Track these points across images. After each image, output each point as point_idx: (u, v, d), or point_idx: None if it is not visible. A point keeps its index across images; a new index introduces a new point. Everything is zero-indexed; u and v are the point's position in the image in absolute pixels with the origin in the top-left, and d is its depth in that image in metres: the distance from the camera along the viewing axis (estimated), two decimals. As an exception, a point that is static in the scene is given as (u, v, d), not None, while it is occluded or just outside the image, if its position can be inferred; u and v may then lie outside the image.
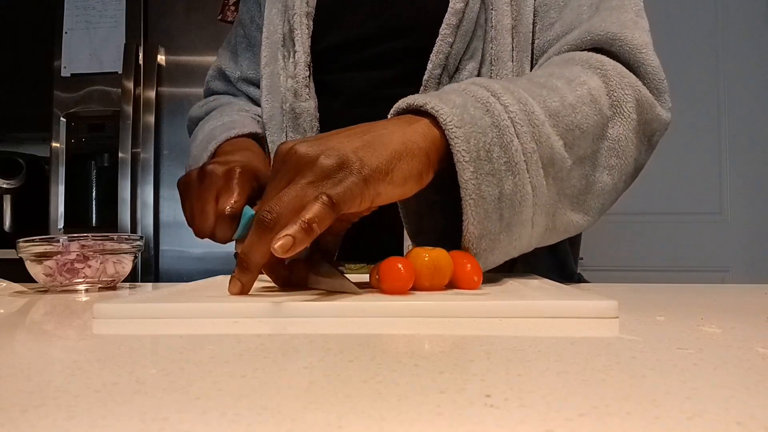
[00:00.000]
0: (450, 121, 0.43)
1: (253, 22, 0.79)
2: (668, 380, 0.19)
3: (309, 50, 0.67)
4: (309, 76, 0.66)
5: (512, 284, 0.47)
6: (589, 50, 0.56)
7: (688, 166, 2.03)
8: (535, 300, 0.34)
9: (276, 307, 0.35)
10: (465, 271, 0.43)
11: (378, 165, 0.40)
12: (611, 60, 0.54)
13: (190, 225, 0.55)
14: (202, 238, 0.54)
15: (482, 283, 0.44)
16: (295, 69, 0.67)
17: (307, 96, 0.66)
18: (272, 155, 0.44)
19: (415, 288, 0.41)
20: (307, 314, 0.34)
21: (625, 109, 0.52)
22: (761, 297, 0.44)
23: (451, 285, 0.43)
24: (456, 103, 0.45)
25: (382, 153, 0.41)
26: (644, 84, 0.55)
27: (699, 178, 2.03)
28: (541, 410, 0.16)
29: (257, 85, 0.77)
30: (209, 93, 0.89)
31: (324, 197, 0.38)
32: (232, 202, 0.52)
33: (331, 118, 0.66)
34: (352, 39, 0.67)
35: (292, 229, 0.36)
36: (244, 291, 0.41)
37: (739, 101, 2.02)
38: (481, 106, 0.45)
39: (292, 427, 0.15)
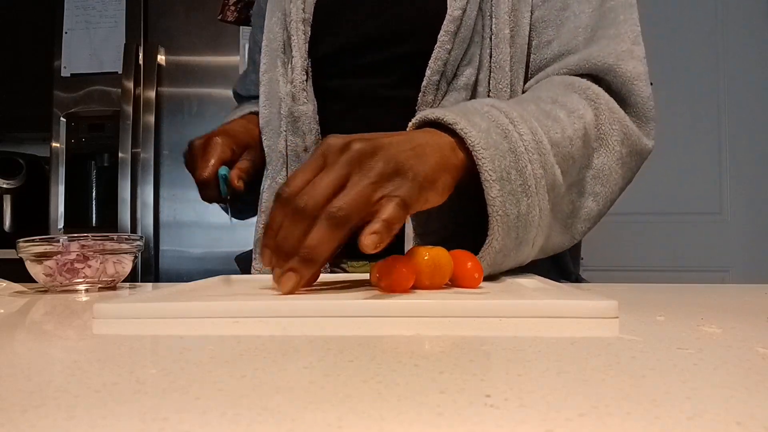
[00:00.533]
0: (477, 144, 0.47)
1: (257, 45, 0.82)
2: (668, 380, 0.19)
3: (306, 55, 0.68)
4: (306, 81, 0.67)
5: (512, 284, 0.47)
6: (584, 75, 0.61)
7: (688, 166, 2.03)
8: (535, 300, 0.34)
9: (276, 307, 0.35)
10: (465, 269, 0.43)
11: (427, 174, 0.43)
12: (605, 93, 0.59)
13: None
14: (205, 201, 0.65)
15: (482, 282, 0.44)
16: (292, 74, 0.68)
17: (305, 99, 0.67)
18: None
19: (416, 286, 0.41)
20: (307, 314, 0.34)
21: (610, 142, 0.57)
22: (761, 297, 0.44)
23: (452, 283, 0.44)
24: (481, 127, 0.48)
25: (428, 163, 0.44)
26: (633, 112, 0.60)
27: (699, 178, 2.03)
28: (541, 410, 0.16)
29: None
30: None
31: (397, 199, 0.40)
32: (202, 170, 0.61)
33: (332, 120, 0.67)
34: (349, 44, 0.68)
35: (376, 226, 0.39)
36: (299, 287, 0.40)
37: (739, 101, 2.02)
38: (501, 132, 0.49)
39: (292, 427, 0.15)
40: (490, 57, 0.63)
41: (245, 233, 0.92)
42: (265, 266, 0.43)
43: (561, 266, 0.69)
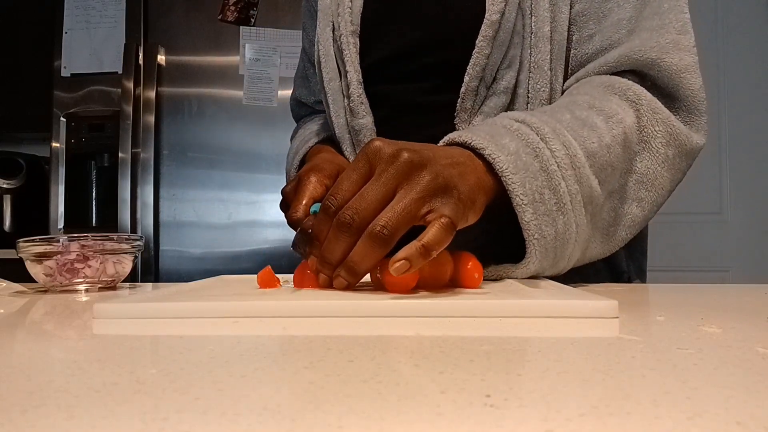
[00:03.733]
0: (506, 169, 0.46)
1: (313, 46, 0.81)
2: (668, 380, 0.19)
3: (359, 68, 0.67)
4: (362, 94, 0.67)
5: (512, 284, 0.47)
6: (628, 71, 0.58)
7: (688, 166, 2.03)
8: (535, 300, 0.34)
9: (276, 307, 0.35)
10: (466, 269, 0.43)
11: (469, 194, 0.44)
12: (647, 93, 0.56)
13: None
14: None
15: (483, 282, 0.44)
16: (349, 89, 0.68)
17: (364, 113, 0.66)
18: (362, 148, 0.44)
19: (416, 286, 0.41)
20: (307, 314, 0.34)
21: (654, 145, 0.55)
22: (761, 297, 0.44)
23: (453, 283, 0.44)
24: (510, 150, 0.48)
25: (469, 182, 0.44)
26: (684, 107, 0.57)
27: (699, 178, 2.03)
28: (541, 410, 0.16)
29: None
30: (297, 119, 0.93)
31: (445, 219, 0.40)
32: (294, 210, 0.56)
33: (379, 128, 0.67)
34: (395, 52, 0.67)
35: (411, 252, 0.38)
36: (348, 288, 0.42)
37: (739, 101, 2.02)
38: (531, 152, 0.48)
39: (292, 427, 0.15)
40: (530, 57, 0.61)
41: (245, 233, 0.92)
42: (313, 272, 0.44)
43: (616, 266, 0.66)
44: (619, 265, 0.67)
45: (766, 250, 2.01)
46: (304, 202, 0.57)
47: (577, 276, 0.59)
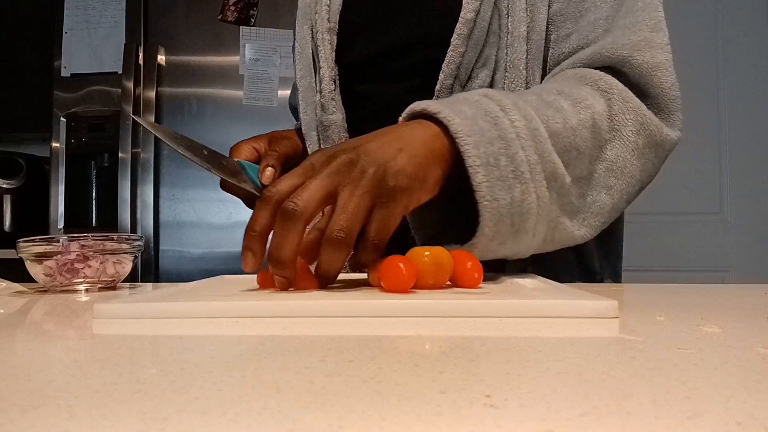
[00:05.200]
0: (460, 131, 0.46)
1: None
2: (668, 380, 0.19)
3: (333, 64, 0.68)
4: (335, 90, 0.68)
5: (512, 284, 0.47)
6: (602, 68, 0.58)
7: (688, 166, 2.03)
8: (535, 300, 0.34)
9: (276, 307, 0.35)
10: (466, 269, 0.43)
11: (416, 174, 0.44)
12: (620, 84, 0.56)
13: None
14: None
15: (483, 282, 0.44)
16: (320, 84, 0.69)
17: (334, 109, 0.68)
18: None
19: (416, 286, 0.41)
20: (307, 314, 0.34)
21: (624, 133, 0.55)
22: (761, 297, 0.44)
23: (452, 283, 0.44)
24: (467, 115, 0.47)
25: (416, 161, 0.44)
26: (655, 104, 0.57)
27: (699, 178, 2.03)
28: (541, 410, 0.16)
29: None
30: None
31: (384, 212, 0.42)
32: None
33: (358, 127, 0.67)
34: (374, 52, 0.68)
35: (365, 255, 0.42)
36: (287, 286, 0.42)
37: (739, 101, 2.02)
38: (490, 120, 0.48)
39: (292, 427, 0.15)
40: (506, 57, 0.61)
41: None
42: (247, 271, 0.43)
43: (587, 264, 0.67)
44: (592, 266, 0.67)
45: (766, 250, 2.01)
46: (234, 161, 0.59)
47: (549, 273, 0.60)
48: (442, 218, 0.54)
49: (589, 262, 0.67)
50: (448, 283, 0.44)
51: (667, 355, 0.23)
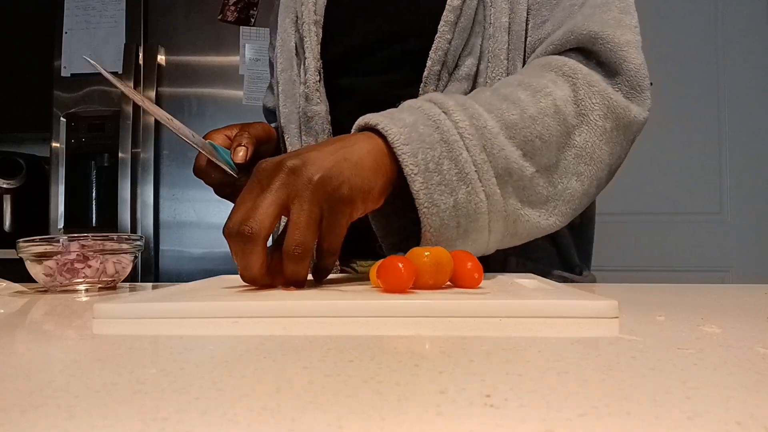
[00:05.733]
0: (397, 140, 0.47)
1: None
2: (668, 380, 0.19)
3: (319, 56, 0.69)
4: (319, 81, 0.68)
5: (512, 284, 0.47)
6: (572, 49, 0.59)
7: (688, 166, 2.03)
8: (535, 300, 0.34)
9: (276, 307, 0.35)
10: (465, 269, 0.43)
11: (362, 185, 0.44)
12: (584, 68, 0.56)
13: None
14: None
15: (483, 283, 0.44)
16: (305, 75, 0.69)
17: (318, 100, 0.68)
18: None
19: (416, 286, 0.41)
20: (307, 314, 0.34)
21: (592, 117, 0.55)
22: (761, 297, 0.44)
23: (452, 283, 0.44)
24: (406, 123, 0.48)
25: (362, 173, 0.45)
26: (626, 81, 0.57)
27: (699, 178, 2.03)
28: (541, 410, 0.16)
29: None
30: None
31: (336, 227, 0.43)
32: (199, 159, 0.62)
33: (344, 120, 0.68)
34: (359, 44, 0.69)
35: (328, 259, 0.44)
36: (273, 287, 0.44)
37: (739, 101, 2.02)
38: (432, 124, 0.49)
39: (292, 427, 0.15)
40: (489, 46, 0.62)
41: (245, 233, 0.92)
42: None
43: (565, 257, 0.69)
44: (572, 260, 0.69)
45: (766, 250, 2.01)
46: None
47: (534, 264, 0.62)
48: (404, 226, 0.55)
49: (568, 256, 0.69)
50: (448, 283, 0.44)
51: (667, 355, 0.23)
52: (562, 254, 0.69)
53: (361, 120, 0.50)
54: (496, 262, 0.63)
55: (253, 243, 0.41)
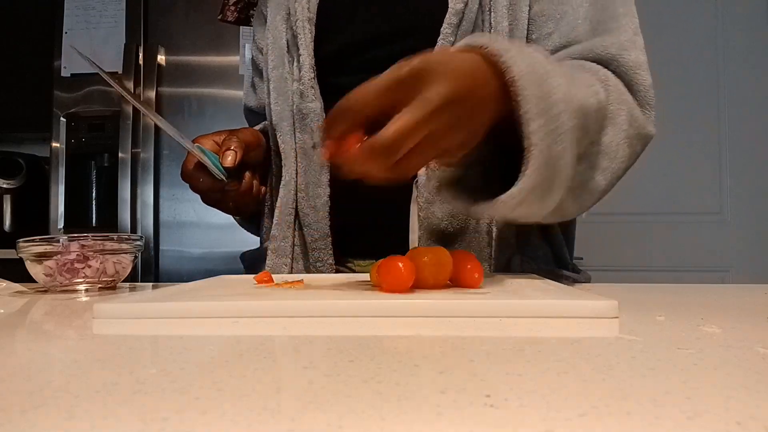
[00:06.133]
0: (520, 78, 0.45)
1: (261, 53, 0.82)
2: (668, 380, 0.19)
3: (313, 53, 0.69)
4: (314, 78, 0.68)
5: (512, 284, 0.47)
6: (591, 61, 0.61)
7: (688, 166, 2.03)
8: (535, 300, 0.34)
9: (276, 307, 0.35)
10: (465, 269, 0.43)
11: (479, 129, 0.44)
12: (614, 76, 0.60)
13: None
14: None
15: (483, 282, 0.44)
16: (300, 72, 0.69)
17: (313, 97, 0.68)
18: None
19: (416, 286, 0.41)
20: (307, 314, 0.34)
21: (618, 121, 0.57)
22: (761, 297, 0.44)
23: (452, 283, 0.44)
24: (526, 62, 0.46)
25: (487, 95, 0.44)
26: (637, 98, 0.61)
27: (699, 178, 2.03)
28: (541, 410, 0.16)
29: None
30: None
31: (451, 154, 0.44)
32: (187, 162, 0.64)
33: None
34: (354, 42, 0.69)
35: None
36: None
37: (739, 101, 2.02)
38: (541, 75, 0.47)
39: (292, 427, 0.15)
40: None
41: (245, 233, 0.91)
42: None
43: (559, 256, 0.70)
44: (564, 258, 0.70)
45: (766, 250, 2.01)
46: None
47: (532, 262, 0.63)
48: (453, 216, 0.58)
49: (561, 254, 0.70)
50: (448, 283, 0.44)
51: (667, 355, 0.23)
52: (555, 253, 0.70)
53: (473, 41, 0.48)
54: (500, 262, 0.63)
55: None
